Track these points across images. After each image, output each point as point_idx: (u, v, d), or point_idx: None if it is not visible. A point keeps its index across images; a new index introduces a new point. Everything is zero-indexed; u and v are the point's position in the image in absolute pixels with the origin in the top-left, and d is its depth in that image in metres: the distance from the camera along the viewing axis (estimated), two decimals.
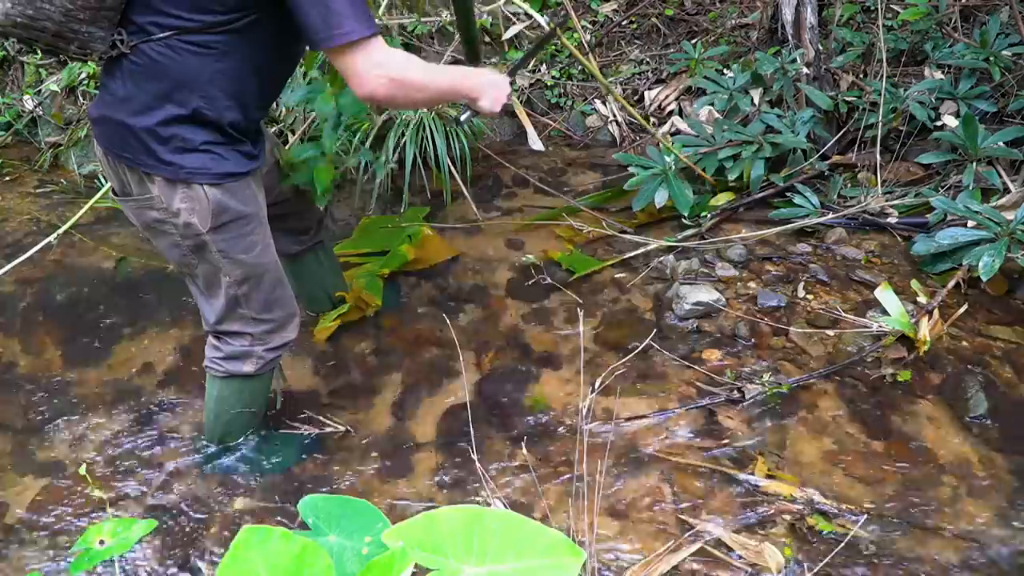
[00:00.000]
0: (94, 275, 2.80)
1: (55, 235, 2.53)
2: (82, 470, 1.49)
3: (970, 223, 2.54)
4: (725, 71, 3.37)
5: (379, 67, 1.48)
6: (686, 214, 2.84)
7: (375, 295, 2.57)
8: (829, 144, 3.07)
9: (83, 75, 3.49)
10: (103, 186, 3.27)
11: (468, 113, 1.85)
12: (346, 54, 1.46)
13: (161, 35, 1.49)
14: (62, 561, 1.86)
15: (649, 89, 3.66)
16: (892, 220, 2.83)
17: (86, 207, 2.63)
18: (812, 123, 3.02)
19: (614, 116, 3.60)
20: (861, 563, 1.78)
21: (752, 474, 1.99)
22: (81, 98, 3.54)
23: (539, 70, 3.75)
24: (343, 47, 1.44)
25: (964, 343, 2.36)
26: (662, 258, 2.74)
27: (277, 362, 1.98)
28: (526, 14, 3.81)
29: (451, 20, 3.57)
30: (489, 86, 1.73)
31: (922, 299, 2.32)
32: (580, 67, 3.76)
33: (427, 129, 3.08)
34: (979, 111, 2.96)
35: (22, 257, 2.47)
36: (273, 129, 3.28)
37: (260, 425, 2.13)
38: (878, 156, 2.96)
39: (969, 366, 2.28)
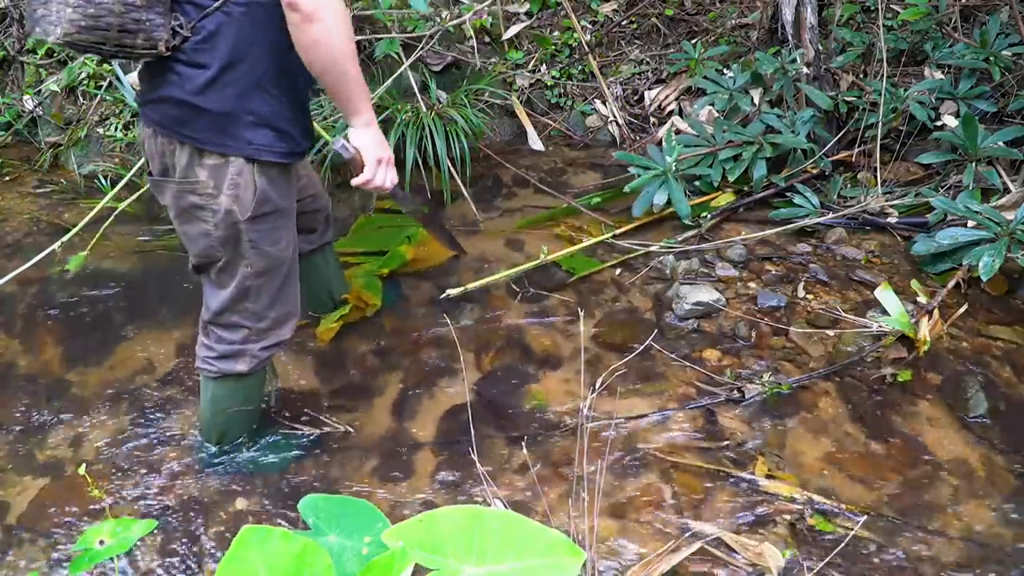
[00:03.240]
0: (94, 275, 2.80)
1: (58, 243, 2.54)
2: (81, 470, 1.49)
3: (970, 223, 2.54)
4: (725, 71, 3.37)
5: None
6: (684, 219, 2.84)
7: (374, 295, 2.57)
8: (829, 144, 3.07)
9: (83, 75, 3.49)
10: (103, 186, 3.28)
11: (344, 145, 1.74)
12: None
13: (215, 4, 1.51)
14: (62, 561, 1.86)
15: (649, 89, 3.66)
16: (892, 220, 2.83)
17: (93, 212, 2.64)
18: (812, 123, 3.02)
19: (614, 116, 3.60)
20: (861, 563, 1.78)
21: (752, 474, 1.99)
22: (81, 98, 3.54)
23: (539, 70, 3.75)
24: None
25: (964, 343, 2.36)
26: (662, 258, 2.74)
27: (269, 360, 1.97)
28: (527, 14, 3.81)
29: (451, 21, 3.57)
30: (382, 139, 1.75)
31: (922, 299, 2.32)
32: (580, 67, 3.76)
33: (427, 129, 3.08)
34: (979, 111, 2.96)
35: (27, 264, 2.48)
36: None
37: (260, 425, 2.13)
38: (878, 156, 2.96)
39: (969, 366, 2.28)
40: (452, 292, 2.55)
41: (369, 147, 1.73)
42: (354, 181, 1.77)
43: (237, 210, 1.67)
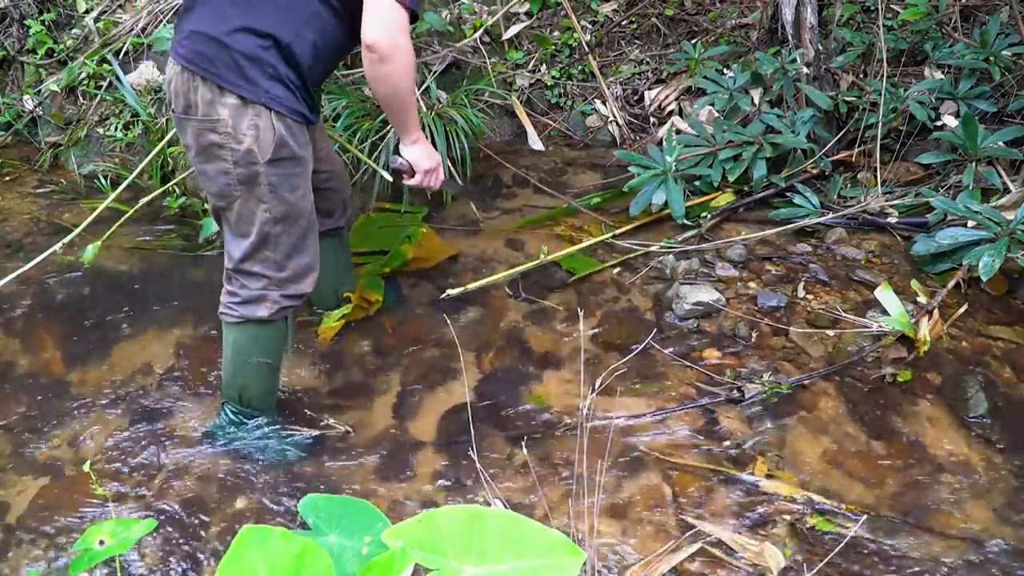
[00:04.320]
0: (94, 275, 2.80)
1: (60, 244, 2.53)
2: (86, 467, 1.49)
3: (970, 223, 2.54)
4: (725, 71, 3.37)
5: (397, 27, 1.70)
6: (678, 220, 2.85)
7: (376, 294, 2.57)
8: (829, 144, 3.07)
9: (83, 75, 3.49)
10: (103, 186, 3.28)
11: (400, 162, 2.08)
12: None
13: None
14: (62, 561, 1.86)
15: (649, 89, 3.66)
16: (892, 220, 2.83)
17: (95, 213, 2.63)
18: (812, 123, 3.02)
19: (614, 116, 3.60)
20: (861, 563, 1.78)
21: (752, 474, 1.99)
22: (81, 98, 3.53)
23: (539, 70, 3.74)
24: None
25: (964, 343, 2.36)
26: (662, 258, 2.74)
27: (290, 312, 2.01)
28: (527, 14, 3.81)
29: (451, 20, 3.57)
30: (428, 151, 2.05)
31: (922, 299, 2.32)
32: (580, 67, 3.75)
33: (427, 129, 3.08)
34: (979, 111, 2.96)
35: (28, 266, 2.47)
36: None
37: (268, 420, 2.13)
38: (878, 156, 2.96)
39: (969, 366, 2.28)
40: (452, 292, 2.55)
41: (417, 160, 2.05)
42: (407, 182, 2.11)
43: (257, 151, 1.76)
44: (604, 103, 3.65)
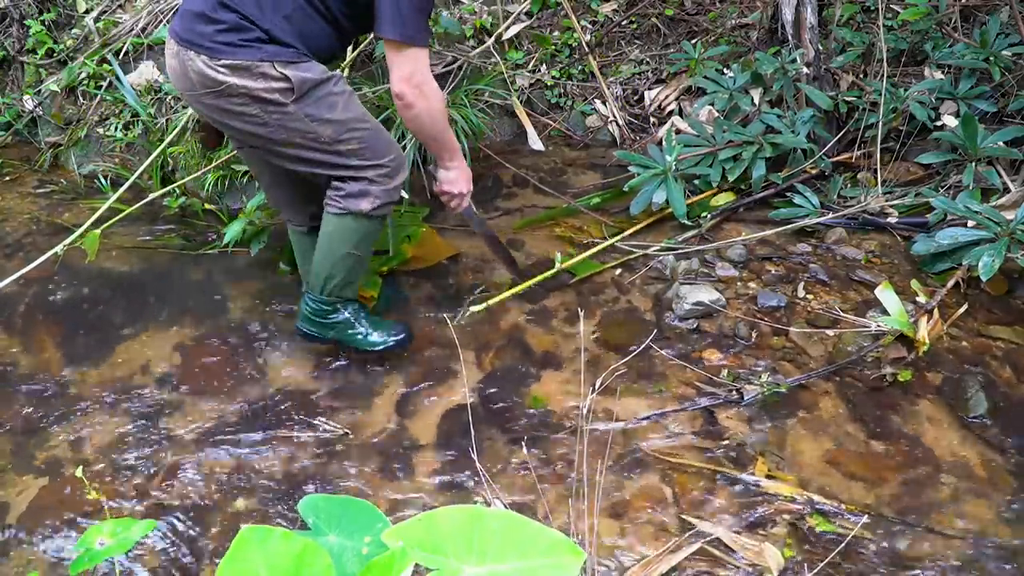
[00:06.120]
0: (94, 275, 2.80)
1: (61, 245, 2.53)
2: (78, 472, 1.49)
3: (970, 223, 2.54)
4: (725, 71, 3.36)
5: (418, 75, 1.86)
6: (680, 219, 2.85)
7: (372, 290, 2.57)
8: (829, 144, 3.07)
9: (83, 75, 3.49)
10: (103, 186, 3.28)
11: (436, 168, 2.27)
12: (400, 50, 1.83)
13: None
14: (62, 561, 1.86)
15: (649, 89, 3.66)
16: (892, 220, 2.83)
17: (97, 213, 2.63)
18: (812, 123, 3.02)
19: (614, 116, 3.60)
20: (861, 563, 1.78)
21: (752, 474, 1.99)
22: (81, 98, 3.53)
23: (539, 70, 3.74)
24: (401, 43, 1.82)
25: (964, 343, 2.36)
26: (662, 258, 2.74)
27: (391, 208, 2.09)
28: (527, 14, 3.81)
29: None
30: (466, 176, 2.23)
31: (922, 299, 2.32)
32: (580, 67, 3.75)
33: None
34: (979, 111, 2.96)
35: (29, 267, 2.47)
36: None
37: (349, 311, 2.24)
38: (878, 156, 2.96)
39: (969, 366, 2.28)
40: (474, 308, 2.47)
41: (443, 181, 2.24)
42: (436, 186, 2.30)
43: (279, 97, 1.85)
44: (604, 103, 3.65)
